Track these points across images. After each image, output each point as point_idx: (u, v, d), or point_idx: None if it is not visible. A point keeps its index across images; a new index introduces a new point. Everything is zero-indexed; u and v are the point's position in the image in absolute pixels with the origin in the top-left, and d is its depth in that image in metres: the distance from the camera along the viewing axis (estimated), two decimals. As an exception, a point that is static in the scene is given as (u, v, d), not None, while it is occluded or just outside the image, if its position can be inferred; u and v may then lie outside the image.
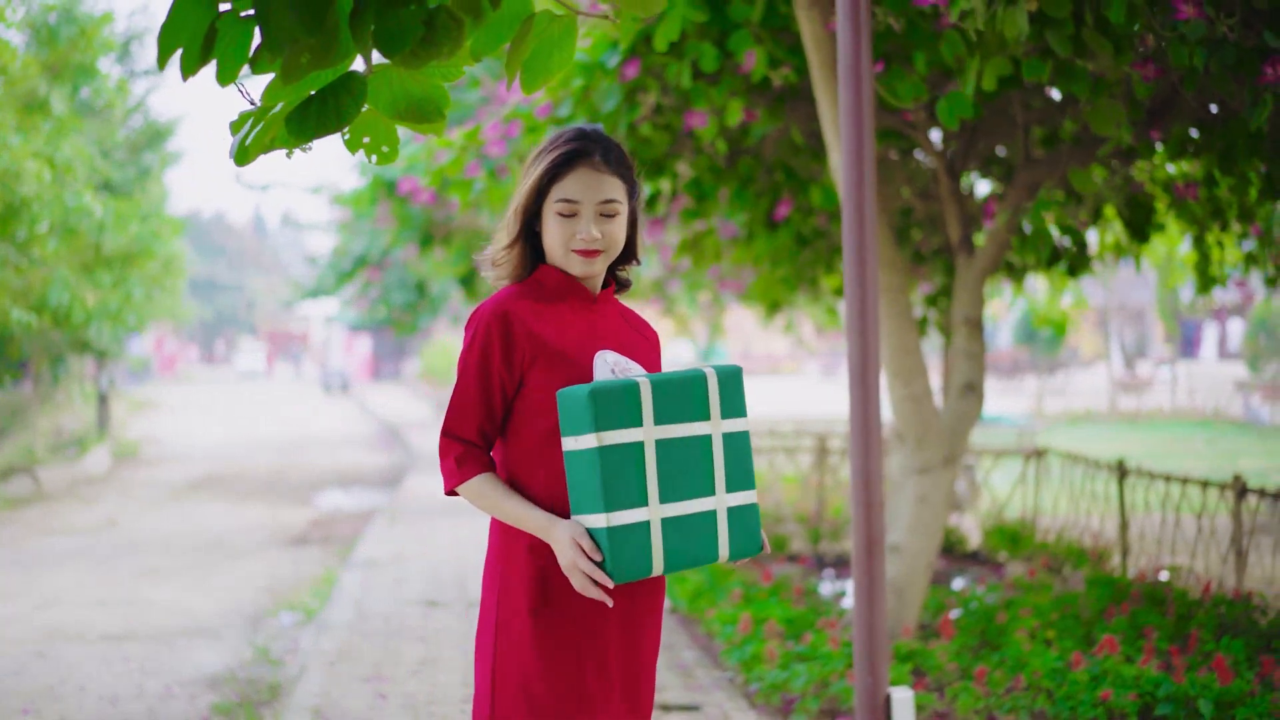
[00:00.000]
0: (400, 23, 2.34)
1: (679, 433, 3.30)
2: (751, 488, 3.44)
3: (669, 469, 3.28)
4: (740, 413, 3.43)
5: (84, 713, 7.68)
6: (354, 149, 2.74)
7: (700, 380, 3.35)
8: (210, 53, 2.37)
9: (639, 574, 3.25)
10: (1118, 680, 6.39)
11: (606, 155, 3.38)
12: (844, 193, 5.59)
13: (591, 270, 3.43)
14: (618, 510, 3.20)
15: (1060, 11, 5.50)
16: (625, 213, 3.44)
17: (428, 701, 7.39)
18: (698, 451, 3.34)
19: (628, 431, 3.21)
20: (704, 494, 3.34)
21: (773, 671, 7.13)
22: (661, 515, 3.26)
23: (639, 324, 3.67)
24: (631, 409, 3.22)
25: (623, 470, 3.21)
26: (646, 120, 8.30)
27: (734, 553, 3.40)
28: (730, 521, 3.38)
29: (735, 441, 3.41)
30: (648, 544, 3.24)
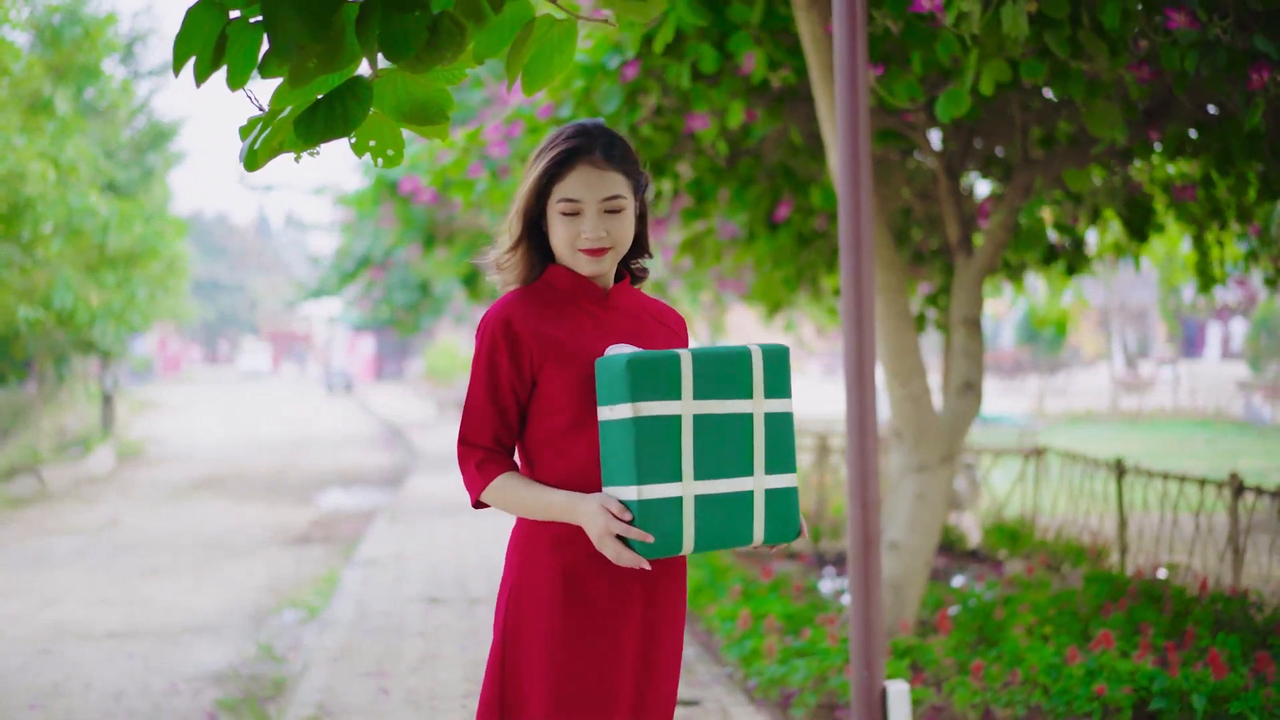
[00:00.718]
0: (404, 28, 2.40)
1: (719, 409, 3.24)
2: (792, 470, 3.37)
3: (706, 445, 3.22)
4: (784, 393, 3.34)
5: (90, 708, 7.75)
6: (361, 152, 2.80)
7: (745, 357, 3.28)
8: (221, 59, 2.44)
9: (669, 550, 3.19)
10: (1113, 675, 6.46)
11: (608, 151, 3.32)
12: (840, 193, 5.65)
13: (600, 268, 3.36)
14: (650, 483, 3.14)
15: (1059, 12, 5.57)
16: (631, 208, 3.38)
17: (429, 696, 7.47)
18: (738, 429, 3.26)
19: (665, 404, 3.16)
20: (742, 474, 3.27)
21: (771, 667, 7.20)
22: (696, 492, 3.20)
23: (661, 313, 3.60)
24: (671, 381, 3.17)
25: (658, 443, 3.16)
26: (647, 121, 8.36)
27: (770, 536, 3.34)
28: (768, 504, 3.31)
29: (778, 422, 3.33)
30: (679, 520, 3.18)
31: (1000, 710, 6.55)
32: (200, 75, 2.45)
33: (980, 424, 26.69)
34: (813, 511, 12.42)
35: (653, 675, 3.46)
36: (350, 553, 13.31)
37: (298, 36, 2.37)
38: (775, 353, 3.33)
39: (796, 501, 3.36)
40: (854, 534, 5.63)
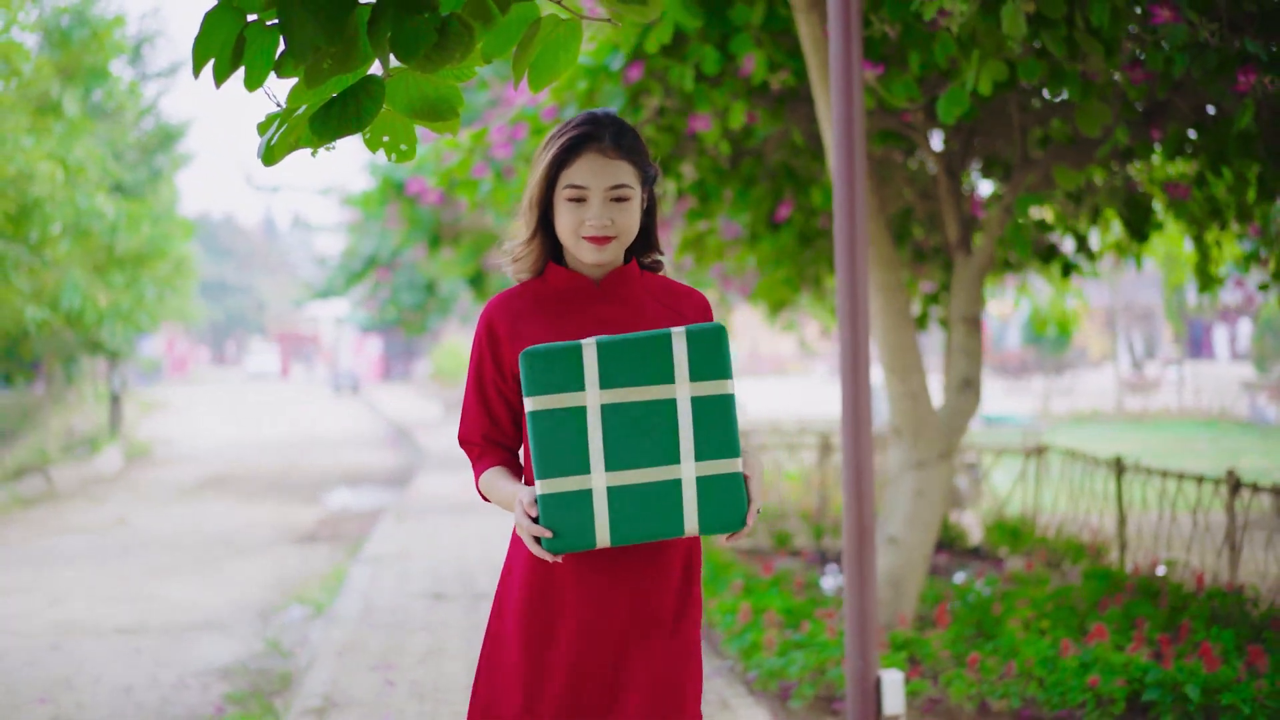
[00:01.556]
0: (415, 29, 2.51)
1: (633, 396, 3.11)
2: (732, 455, 3.15)
3: (620, 435, 3.10)
4: (719, 375, 3.15)
5: (99, 702, 7.85)
6: (374, 148, 2.90)
7: (661, 340, 3.13)
8: (239, 60, 2.55)
9: (578, 545, 3.10)
10: (1106, 667, 6.57)
11: (617, 139, 3.29)
12: (836, 197, 5.75)
13: (603, 258, 3.32)
14: (551, 477, 3.08)
15: (1056, 12, 5.65)
16: (637, 198, 3.34)
17: (434, 689, 7.57)
18: (658, 416, 3.12)
19: (566, 395, 3.08)
20: (665, 462, 3.12)
21: (771, 659, 7.30)
22: (608, 484, 3.09)
23: (675, 298, 3.50)
24: (571, 372, 3.09)
25: (558, 436, 3.08)
26: (650, 122, 8.45)
27: (706, 525, 3.15)
28: (701, 492, 3.13)
29: (710, 405, 3.14)
30: (588, 513, 3.08)
31: (996, 702, 6.66)
32: (219, 76, 2.56)
33: (985, 424, 26.79)
34: (815, 509, 12.51)
35: (636, 678, 3.36)
36: (356, 550, 13.40)
37: (313, 38, 2.48)
38: (705, 333, 3.15)
39: (739, 487, 3.17)
40: (849, 527, 5.73)
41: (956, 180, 8.55)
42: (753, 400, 35.44)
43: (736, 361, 43.75)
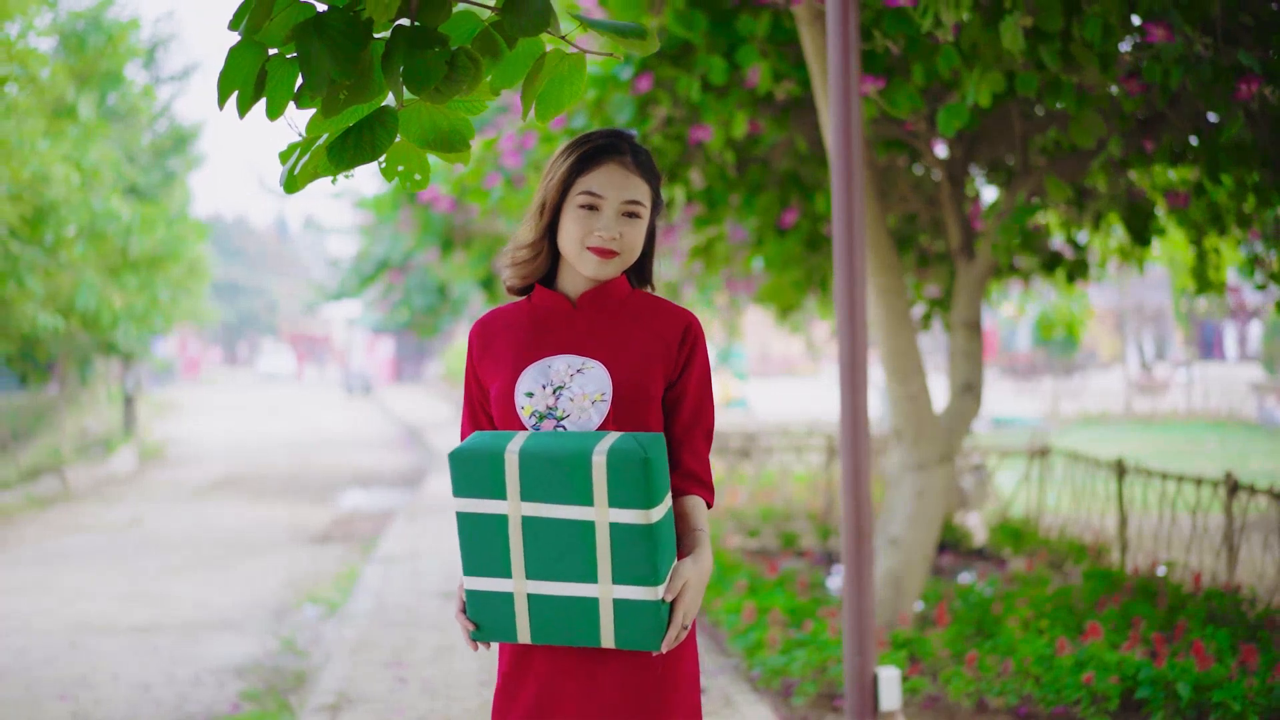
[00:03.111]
0: (426, 62, 2.65)
1: (551, 513, 3.02)
2: (652, 584, 3.02)
3: (539, 547, 3.04)
4: (642, 504, 2.98)
5: (118, 698, 8.02)
6: (389, 177, 3.03)
7: (580, 462, 2.99)
8: (261, 92, 2.71)
9: (502, 637, 3.13)
10: (1101, 665, 6.71)
11: (637, 157, 3.25)
12: (835, 205, 5.89)
13: (604, 273, 3.23)
14: (476, 575, 3.10)
15: (1052, 26, 5.78)
16: (646, 219, 3.28)
17: (445, 685, 7.74)
18: (575, 536, 3.02)
19: (489, 502, 3.05)
20: (581, 579, 3.04)
21: (774, 657, 7.47)
22: (528, 590, 3.07)
23: (653, 315, 3.34)
24: (494, 480, 3.03)
25: (482, 538, 3.07)
26: (658, 131, 8.59)
27: (621, 642, 3.07)
28: (617, 614, 3.04)
29: (628, 534, 2.99)
30: (510, 613, 3.09)
31: (993, 699, 6.82)
32: (242, 107, 2.72)
33: (994, 426, 26.86)
34: (821, 510, 12.65)
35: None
36: (369, 550, 13.55)
37: (330, 71, 2.63)
38: (626, 461, 2.97)
39: (657, 616, 3.04)
40: (847, 527, 5.86)
41: (959, 187, 8.68)
42: (761, 402, 35.51)
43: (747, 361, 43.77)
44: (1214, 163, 7.13)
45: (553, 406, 3.18)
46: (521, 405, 3.20)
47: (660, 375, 3.26)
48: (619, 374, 3.21)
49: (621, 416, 3.19)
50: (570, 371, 3.21)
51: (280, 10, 2.64)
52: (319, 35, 2.63)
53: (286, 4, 2.64)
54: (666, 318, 3.33)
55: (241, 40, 2.67)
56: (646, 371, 3.24)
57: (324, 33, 2.63)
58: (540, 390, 3.20)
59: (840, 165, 5.88)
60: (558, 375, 3.21)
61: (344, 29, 2.64)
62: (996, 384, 45.19)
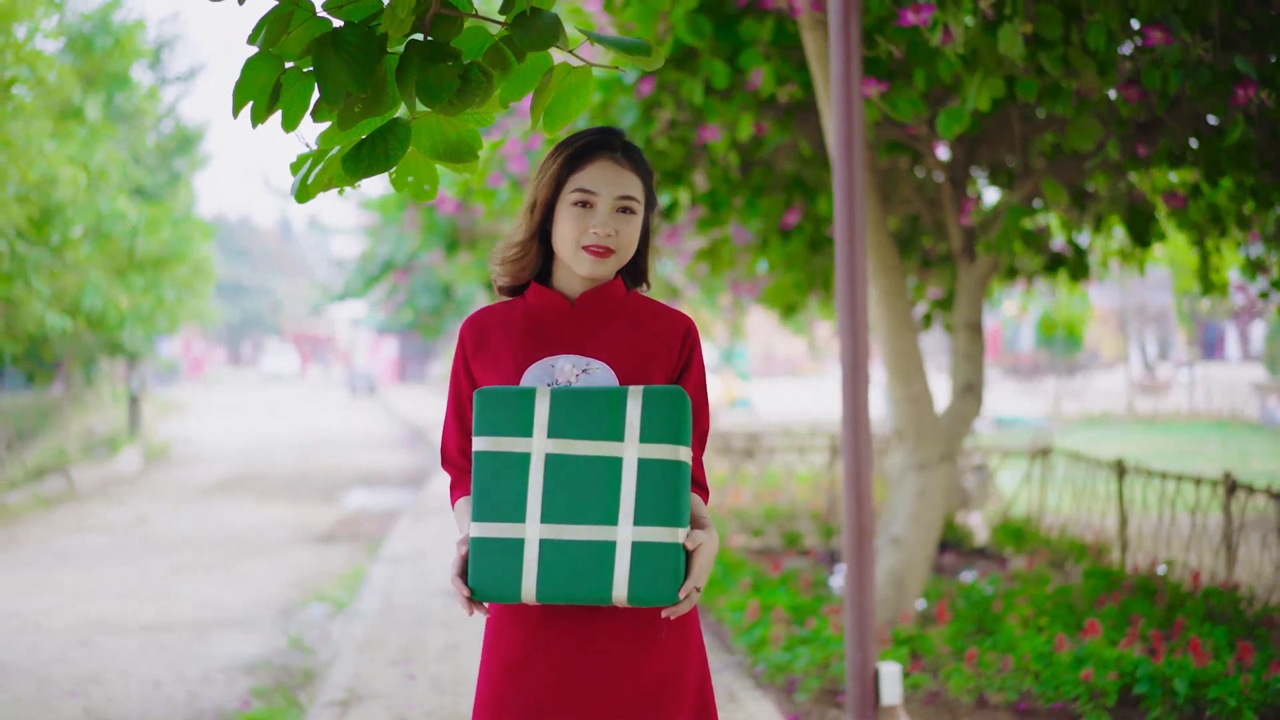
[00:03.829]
0: (439, 77, 2.73)
1: (579, 449, 3.01)
2: (675, 525, 3.00)
3: (560, 487, 3.00)
4: (673, 439, 3.02)
5: (129, 696, 8.11)
6: (400, 188, 3.12)
7: (615, 396, 3.03)
8: (276, 104, 2.80)
9: (503, 595, 3.01)
10: (1099, 662, 6.81)
11: (628, 152, 3.25)
12: (837, 209, 5.97)
13: (599, 271, 3.21)
14: (486, 521, 3.00)
15: (1052, 33, 5.85)
16: (641, 215, 3.26)
17: (453, 682, 7.84)
18: (601, 474, 3.00)
19: (513, 439, 3.01)
20: (600, 521, 2.99)
21: (777, 654, 7.57)
22: (541, 535, 2.99)
23: (652, 317, 3.34)
24: (521, 416, 3.01)
25: (499, 480, 3.01)
26: (663, 134, 8.68)
27: (635, 593, 2.98)
28: (634, 559, 2.98)
29: (657, 470, 3.00)
30: (517, 564, 2.98)
31: (993, 695, 6.90)
32: (257, 118, 2.80)
33: (996, 426, 26.93)
34: (824, 510, 12.73)
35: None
36: (375, 550, 13.64)
37: (345, 84, 2.71)
38: (663, 395, 3.04)
39: (676, 561, 3.00)
40: (849, 524, 5.95)
41: (961, 189, 8.75)
42: (765, 402, 35.57)
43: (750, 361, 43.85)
44: (1213, 165, 7.19)
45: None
46: None
47: (661, 377, 3.25)
48: (624, 376, 3.20)
49: None
50: (575, 371, 3.19)
51: (297, 25, 2.73)
52: (335, 50, 2.71)
53: (304, 19, 2.73)
54: (665, 321, 3.33)
55: (258, 52, 2.75)
56: (649, 374, 3.22)
57: (340, 47, 2.72)
58: (549, 383, 3.17)
59: (842, 169, 5.97)
60: (562, 375, 3.19)
61: (360, 44, 2.73)
62: (999, 384, 45.26)
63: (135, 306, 19.52)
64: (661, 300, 16.95)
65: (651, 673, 3.16)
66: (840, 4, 5.93)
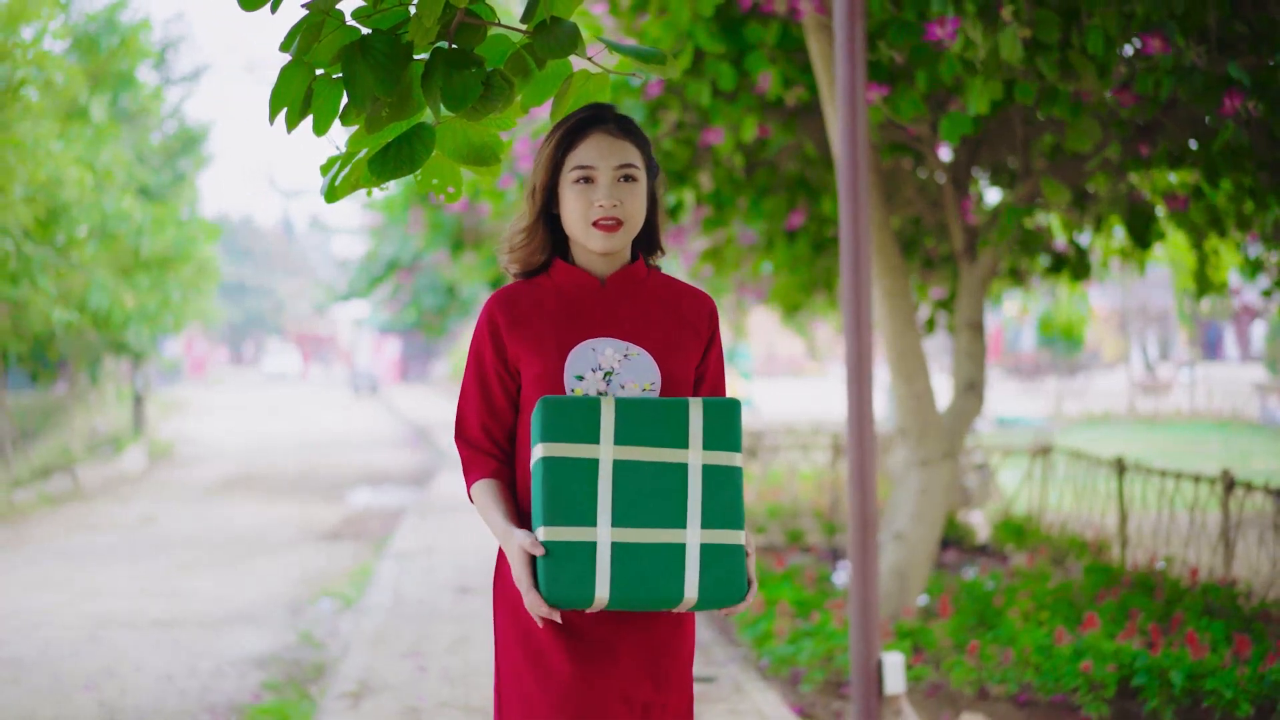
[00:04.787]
0: (463, 83, 2.85)
1: (646, 456, 3.07)
2: (738, 527, 3.09)
3: (630, 492, 3.05)
4: (731, 447, 3.12)
5: (143, 689, 8.21)
6: (424, 189, 3.24)
7: (678, 407, 3.11)
8: (308, 109, 2.92)
9: (577, 601, 3.01)
10: (1098, 654, 6.93)
11: (621, 123, 3.25)
12: (841, 212, 6.08)
13: (611, 245, 3.23)
14: (557, 525, 3.00)
15: (1050, 37, 5.96)
16: (644, 182, 3.26)
17: (463, 674, 7.97)
18: (669, 479, 3.07)
19: (580, 446, 3.04)
20: (672, 525, 3.05)
21: (782, 647, 7.71)
22: (613, 539, 3.02)
23: (679, 299, 3.40)
24: (588, 423, 3.05)
25: (568, 485, 3.02)
26: (669, 135, 8.80)
27: (704, 597, 3.06)
28: (704, 560, 3.05)
29: (720, 475, 3.10)
30: (590, 567, 2.99)
31: (994, 687, 7.03)
32: (291, 123, 2.93)
33: (998, 425, 27.01)
34: (827, 507, 12.84)
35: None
36: (381, 547, 13.75)
37: (373, 90, 2.84)
38: (721, 406, 3.14)
39: (741, 562, 3.10)
40: (853, 519, 6.04)
41: (962, 190, 8.86)
42: (768, 401, 35.65)
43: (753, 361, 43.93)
44: (1212, 167, 7.29)
45: (603, 392, 3.21)
46: (572, 388, 3.19)
47: (694, 362, 3.34)
48: (665, 364, 3.26)
49: None
50: (617, 357, 3.23)
51: (328, 33, 2.85)
52: (364, 57, 2.84)
53: (334, 28, 2.85)
54: (691, 301, 3.40)
55: (292, 61, 2.87)
56: (686, 360, 3.31)
57: (368, 54, 2.84)
58: (590, 374, 3.21)
59: (847, 171, 6.07)
60: (606, 360, 3.22)
61: (387, 51, 2.86)
62: (1001, 384, 45.30)
63: (140, 306, 19.59)
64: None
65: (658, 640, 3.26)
66: (845, 9, 6.03)
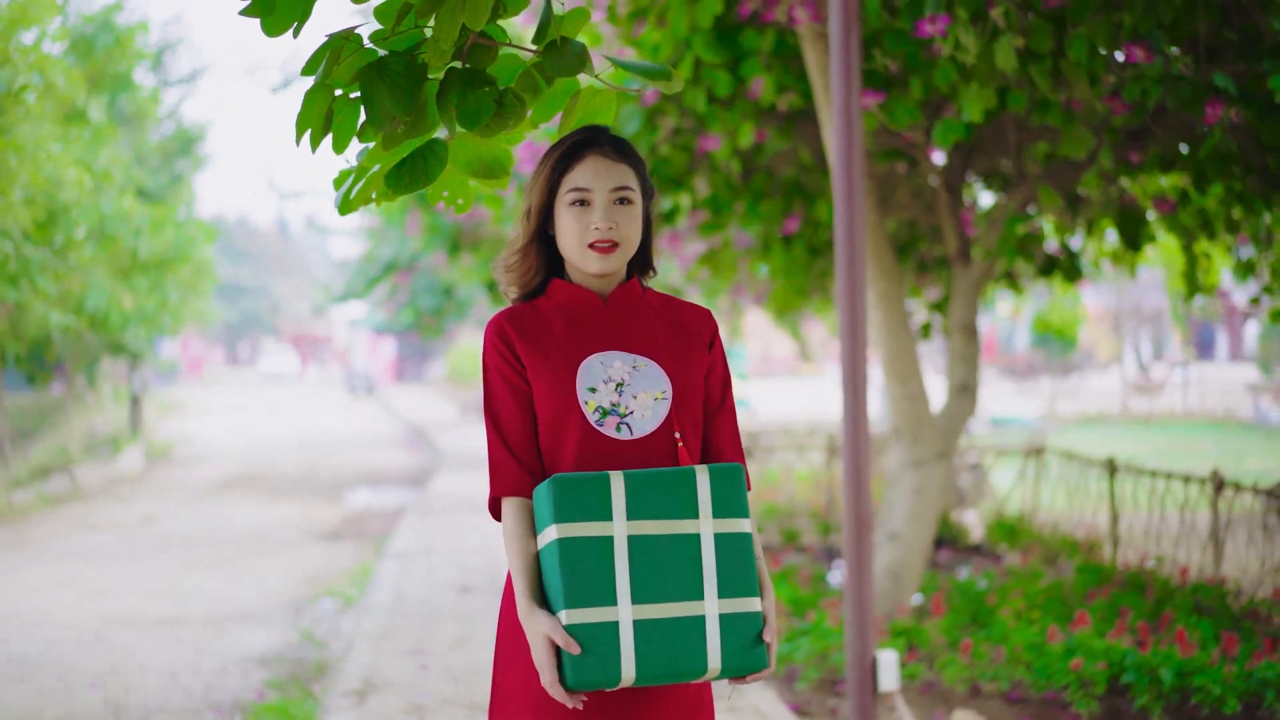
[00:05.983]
0: (477, 101, 2.98)
1: (659, 529, 3.05)
2: (754, 594, 3.08)
3: (646, 567, 3.02)
4: (740, 513, 3.11)
5: (147, 687, 8.34)
6: (434, 201, 3.37)
7: (686, 476, 3.09)
8: (329, 128, 3.05)
9: (604, 682, 2.97)
10: (1089, 652, 7.07)
11: (617, 146, 3.25)
12: (837, 218, 6.19)
13: (608, 267, 3.23)
14: (579, 607, 2.96)
15: (1043, 46, 6.07)
16: (639, 205, 3.26)
17: (466, 672, 8.09)
18: (683, 551, 3.05)
19: (594, 524, 3.01)
20: (690, 597, 3.03)
21: (778, 645, 7.81)
22: (635, 616, 2.98)
23: (679, 314, 3.40)
24: (600, 500, 3.02)
25: (586, 564, 2.99)
26: (666, 141, 8.91)
27: (727, 665, 3.03)
28: (724, 630, 3.03)
29: (732, 543, 3.09)
30: (615, 648, 2.96)
31: (986, 684, 7.17)
32: (315, 143, 3.05)
33: (992, 426, 27.13)
34: (823, 507, 12.95)
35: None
36: (383, 546, 13.86)
37: (391, 109, 2.96)
38: (725, 472, 3.13)
39: (759, 628, 3.09)
40: (848, 519, 6.17)
41: (956, 195, 8.97)
42: (764, 402, 35.76)
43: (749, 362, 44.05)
44: (1200, 173, 7.41)
45: (616, 403, 3.19)
46: (585, 400, 3.18)
47: (702, 369, 3.33)
48: (676, 373, 3.26)
49: (681, 414, 3.24)
50: (627, 368, 3.22)
51: (347, 56, 2.97)
52: (382, 78, 2.97)
53: (353, 50, 2.97)
54: (692, 315, 3.40)
55: (315, 84, 3.00)
56: (694, 370, 3.30)
57: (385, 75, 2.97)
58: (603, 386, 3.20)
59: (842, 176, 6.17)
60: (616, 372, 3.22)
61: (404, 71, 2.98)
62: (996, 384, 45.42)
63: (138, 307, 19.66)
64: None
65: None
66: (840, 18, 6.14)
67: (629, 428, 3.18)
